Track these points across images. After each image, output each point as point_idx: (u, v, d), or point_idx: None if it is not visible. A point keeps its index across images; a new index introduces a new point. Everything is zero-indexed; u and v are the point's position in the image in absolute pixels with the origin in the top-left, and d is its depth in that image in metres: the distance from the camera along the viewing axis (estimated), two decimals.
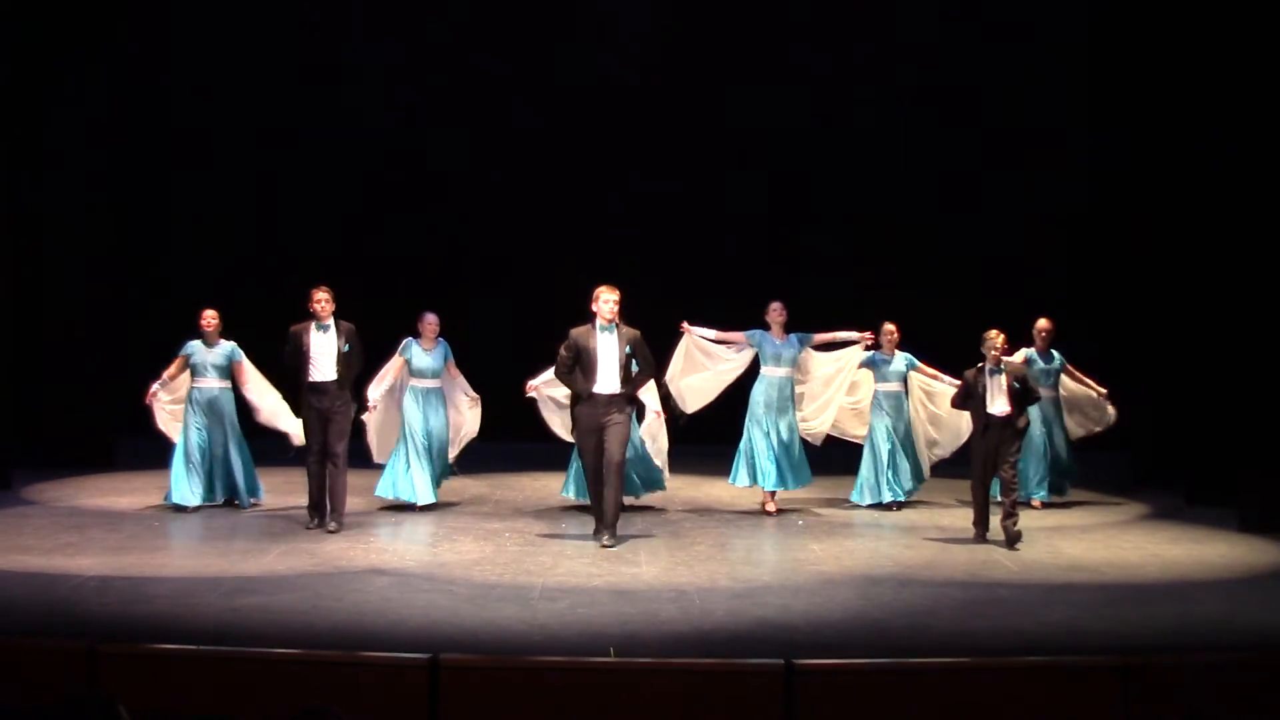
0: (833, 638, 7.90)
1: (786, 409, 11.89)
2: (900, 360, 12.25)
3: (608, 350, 10.36)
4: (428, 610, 8.38)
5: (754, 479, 11.92)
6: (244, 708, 6.61)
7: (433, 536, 10.68)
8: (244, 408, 11.96)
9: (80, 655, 6.94)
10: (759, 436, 11.83)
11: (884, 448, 12.16)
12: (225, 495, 11.77)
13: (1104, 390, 12.73)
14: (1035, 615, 8.49)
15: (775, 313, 11.92)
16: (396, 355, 11.81)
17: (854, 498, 12.30)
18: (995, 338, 10.60)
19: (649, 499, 12.12)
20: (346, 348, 10.91)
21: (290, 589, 8.82)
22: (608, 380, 10.37)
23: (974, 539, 10.75)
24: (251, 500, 11.83)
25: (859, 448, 12.41)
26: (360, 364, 11.15)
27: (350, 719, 5.01)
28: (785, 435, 11.85)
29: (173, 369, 11.77)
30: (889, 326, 12.22)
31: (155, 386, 11.72)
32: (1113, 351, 14.02)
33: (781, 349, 11.89)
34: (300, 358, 10.88)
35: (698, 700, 6.81)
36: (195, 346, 11.74)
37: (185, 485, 11.57)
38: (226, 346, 11.78)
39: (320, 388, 10.87)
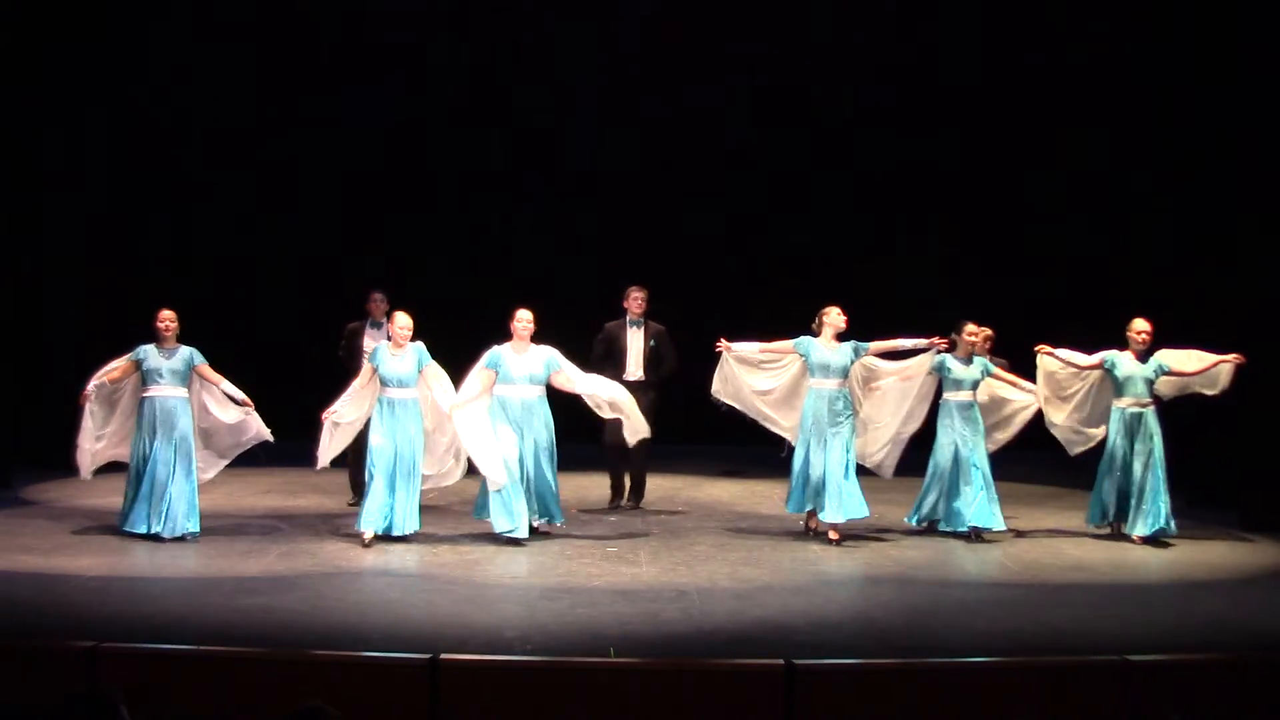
0: (833, 638, 7.91)
1: (840, 425, 10.61)
2: (977, 366, 10.88)
3: (635, 342, 11.82)
4: (428, 610, 8.39)
5: (806, 503, 10.69)
6: (244, 708, 6.61)
7: (433, 537, 10.67)
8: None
9: (81, 655, 6.95)
10: (801, 457, 10.64)
11: (948, 466, 10.75)
12: (164, 522, 10.28)
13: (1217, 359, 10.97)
14: (1035, 615, 8.51)
15: (831, 316, 10.70)
16: (366, 362, 10.66)
17: (910, 519, 11.00)
18: (975, 333, 10.91)
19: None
20: None
21: (291, 589, 8.83)
22: (634, 368, 11.78)
23: None
24: (187, 530, 10.35)
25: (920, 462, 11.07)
26: None
27: (350, 719, 5.01)
28: (840, 456, 10.58)
29: (118, 372, 10.51)
30: (970, 327, 10.83)
31: (91, 386, 10.43)
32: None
33: (830, 358, 10.60)
34: (354, 352, 11.65)
35: (698, 700, 6.82)
36: (148, 351, 10.48)
37: (134, 510, 10.34)
38: (185, 351, 10.51)
39: None
